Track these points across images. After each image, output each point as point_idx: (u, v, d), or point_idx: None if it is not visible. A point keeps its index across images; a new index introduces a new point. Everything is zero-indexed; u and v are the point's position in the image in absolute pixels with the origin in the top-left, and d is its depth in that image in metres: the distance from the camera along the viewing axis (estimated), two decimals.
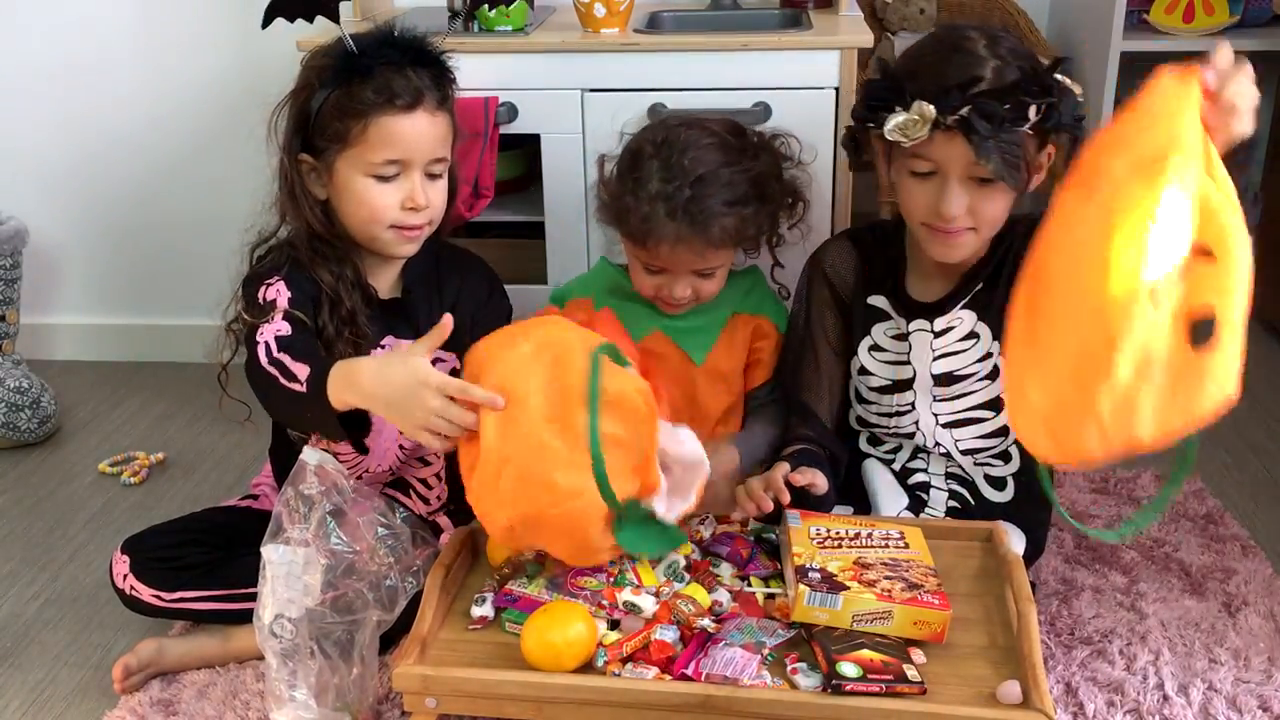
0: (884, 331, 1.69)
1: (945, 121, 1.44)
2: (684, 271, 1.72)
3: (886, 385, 1.69)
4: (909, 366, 1.67)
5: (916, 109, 1.45)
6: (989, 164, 1.42)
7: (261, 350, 1.49)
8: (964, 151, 1.45)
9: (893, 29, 3.19)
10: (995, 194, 1.50)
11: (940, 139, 1.46)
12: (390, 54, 1.56)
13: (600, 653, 1.35)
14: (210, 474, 2.21)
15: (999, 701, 1.30)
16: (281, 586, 1.39)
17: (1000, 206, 1.53)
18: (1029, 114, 1.44)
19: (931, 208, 1.52)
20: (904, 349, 1.67)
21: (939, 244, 1.56)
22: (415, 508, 1.75)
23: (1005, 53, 1.47)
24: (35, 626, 1.77)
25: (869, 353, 1.70)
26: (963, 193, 1.50)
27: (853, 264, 1.71)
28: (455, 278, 1.74)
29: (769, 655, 1.36)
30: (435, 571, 1.47)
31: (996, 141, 1.42)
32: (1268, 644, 1.62)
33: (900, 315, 1.67)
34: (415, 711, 1.38)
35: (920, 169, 1.52)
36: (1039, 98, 1.44)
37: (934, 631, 1.37)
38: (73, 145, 2.56)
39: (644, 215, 1.66)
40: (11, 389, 2.28)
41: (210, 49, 2.45)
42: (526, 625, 1.37)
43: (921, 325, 1.65)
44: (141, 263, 2.64)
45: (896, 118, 1.47)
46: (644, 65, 2.05)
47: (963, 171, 1.49)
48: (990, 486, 1.70)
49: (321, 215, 1.62)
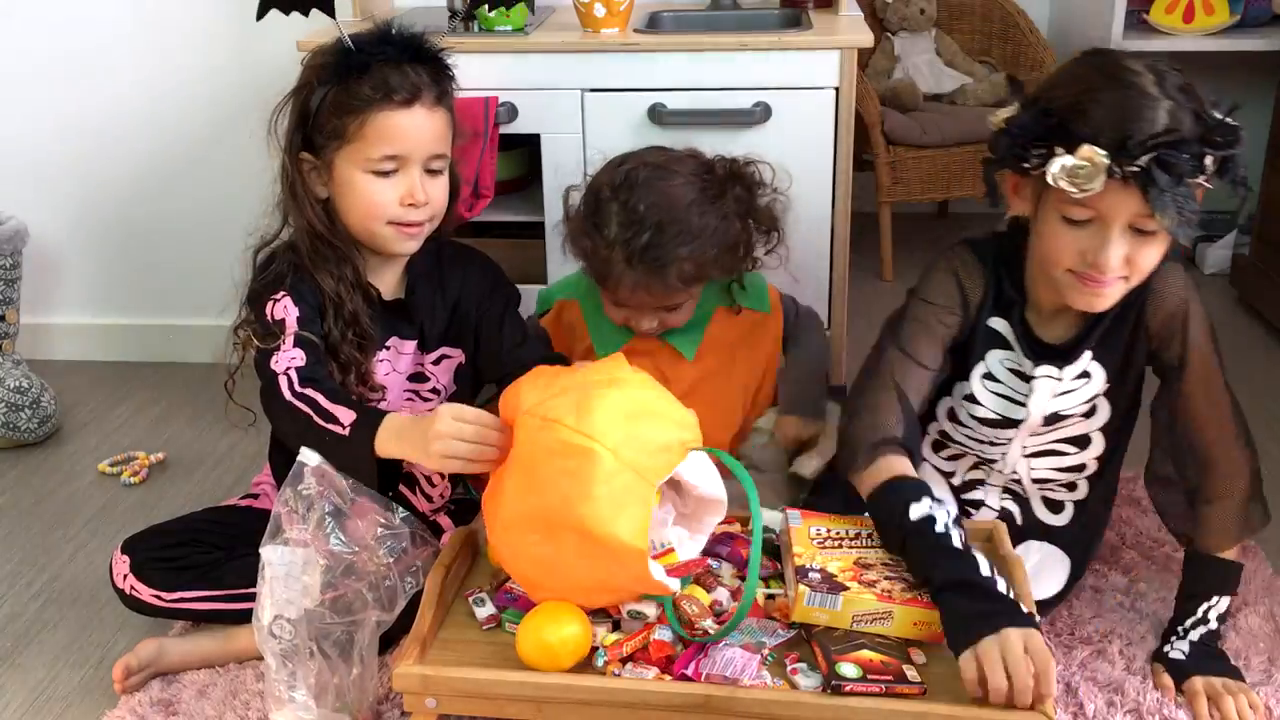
0: (1001, 361, 1.57)
1: (1121, 171, 1.31)
2: (648, 309, 1.74)
3: (994, 420, 1.60)
4: (1024, 409, 1.57)
5: (1088, 155, 1.31)
6: (1164, 218, 1.31)
7: (284, 384, 1.51)
8: (1135, 203, 1.33)
9: (893, 29, 3.20)
10: (1155, 243, 1.39)
11: (1110, 188, 1.33)
12: (387, 50, 1.57)
13: (600, 653, 1.35)
14: (210, 474, 2.21)
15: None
16: (280, 587, 1.39)
17: (1158, 255, 1.41)
18: (1206, 165, 1.33)
19: (1085, 256, 1.40)
20: (1024, 390, 1.56)
21: (1086, 294, 1.43)
22: (418, 504, 1.75)
23: (1175, 90, 1.33)
24: (35, 626, 1.77)
25: (982, 381, 1.58)
26: (1123, 244, 1.38)
27: (980, 280, 1.56)
28: (457, 272, 1.75)
29: (769, 655, 1.36)
30: (435, 571, 1.47)
31: (1173, 194, 1.30)
32: (1268, 644, 1.62)
33: (1025, 355, 1.56)
34: (415, 711, 1.38)
35: (1078, 216, 1.38)
36: (1220, 149, 1.32)
37: (933, 632, 1.36)
38: (73, 145, 2.56)
39: (603, 259, 1.69)
40: (11, 389, 2.28)
41: (210, 48, 2.45)
42: (521, 626, 1.37)
43: (1049, 372, 1.54)
44: (141, 263, 2.64)
45: (1063, 161, 1.33)
46: (644, 65, 2.05)
47: (1127, 222, 1.36)
48: (1046, 508, 1.67)
49: (323, 214, 1.62)
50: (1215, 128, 1.32)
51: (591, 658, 1.36)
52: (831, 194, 2.07)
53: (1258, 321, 2.68)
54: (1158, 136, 1.30)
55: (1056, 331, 1.55)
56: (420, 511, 1.74)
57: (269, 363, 1.54)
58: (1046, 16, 3.25)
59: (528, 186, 2.33)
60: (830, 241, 2.10)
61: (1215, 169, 1.34)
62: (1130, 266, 1.40)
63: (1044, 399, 1.56)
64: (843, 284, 2.13)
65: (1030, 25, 3.15)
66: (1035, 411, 1.57)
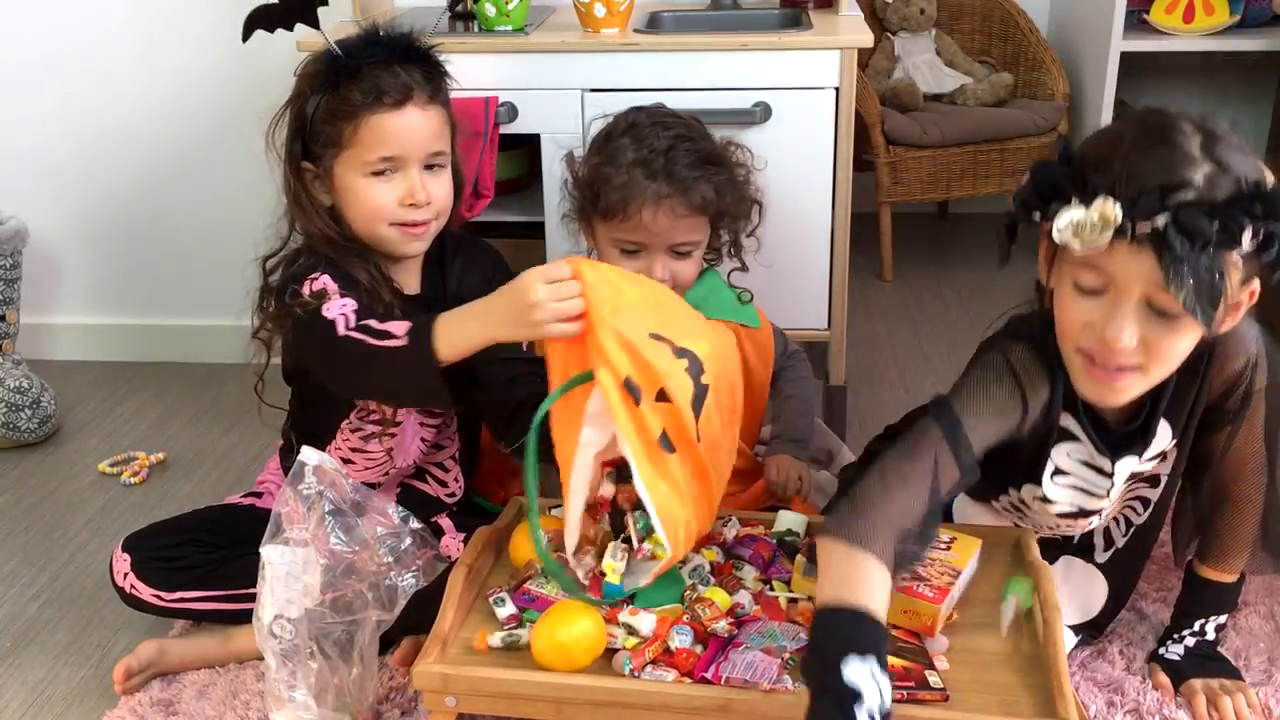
0: (1069, 454, 1.42)
1: (1133, 230, 1.15)
2: (661, 246, 1.72)
3: (1070, 513, 1.47)
4: (1105, 500, 1.45)
5: (1098, 207, 1.15)
6: (1179, 292, 1.12)
7: (340, 324, 1.47)
8: (1150, 271, 1.16)
9: (893, 29, 3.20)
10: (1178, 331, 1.21)
11: (1122, 250, 1.17)
12: (377, 52, 1.57)
13: (625, 660, 1.35)
14: (210, 474, 2.21)
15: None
16: (281, 587, 1.39)
17: (1182, 347, 1.24)
18: (1242, 238, 1.13)
19: (1094, 332, 1.24)
20: (1104, 485, 1.43)
21: (1094, 382, 1.28)
22: (435, 492, 1.76)
23: (1224, 154, 1.16)
24: (35, 626, 1.77)
25: (1052, 479, 1.43)
26: (1137, 320, 1.20)
27: (1043, 373, 1.36)
28: (458, 259, 1.75)
29: (790, 659, 1.35)
30: (458, 570, 1.46)
31: (1194, 265, 1.12)
32: (1268, 644, 1.62)
33: (1098, 448, 1.41)
34: (435, 710, 1.37)
35: (1088, 283, 1.23)
36: (1261, 220, 1.13)
37: (923, 623, 1.36)
38: (73, 144, 2.56)
39: (622, 182, 1.68)
40: (11, 389, 2.28)
41: (211, 48, 2.45)
42: (535, 628, 1.36)
43: (1129, 464, 1.41)
44: (141, 263, 2.64)
45: (1072, 213, 1.17)
46: (644, 65, 2.05)
47: (1142, 295, 1.19)
48: (1100, 537, 1.59)
49: (330, 221, 1.62)
50: (1261, 195, 1.15)
51: (615, 662, 1.35)
52: (831, 194, 2.07)
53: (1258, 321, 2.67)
54: (1181, 191, 1.13)
55: (1122, 410, 1.39)
56: (435, 498, 1.75)
57: (321, 313, 1.49)
58: (1046, 16, 3.25)
59: (528, 186, 2.33)
60: (830, 241, 2.10)
61: (1256, 246, 1.15)
62: (1147, 353, 1.23)
63: (1122, 486, 1.46)
64: (843, 284, 2.13)
65: (1030, 25, 3.15)
66: (1115, 497, 1.47)
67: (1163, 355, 1.24)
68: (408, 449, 1.71)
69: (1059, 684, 1.27)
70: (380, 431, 1.67)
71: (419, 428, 1.71)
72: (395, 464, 1.71)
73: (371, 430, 1.67)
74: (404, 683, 1.57)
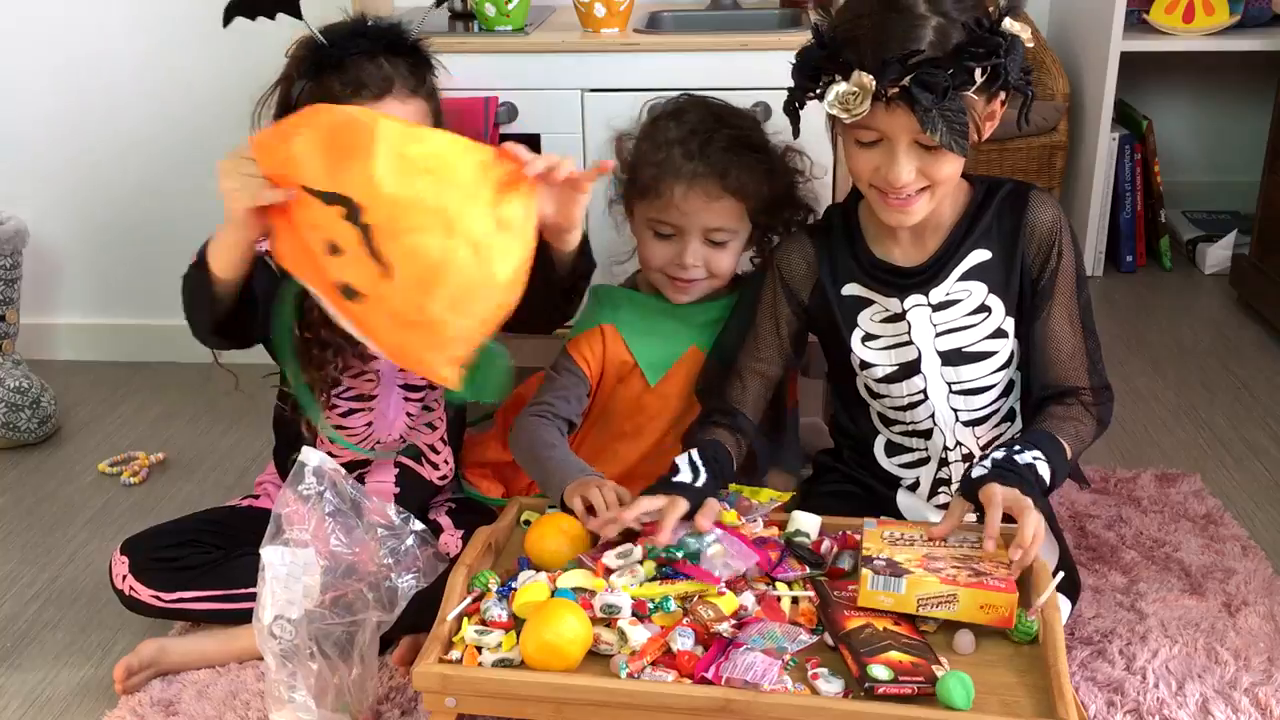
0: (871, 317, 1.62)
1: (886, 94, 1.38)
2: (695, 230, 1.71)
3: (893, 372, 1.62)
4: (912, 347, 1.60)
5: (855, 81, 1.39)
6: (934, 134, 1.38)
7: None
8: (909, 121, 1.40)
9: None
10: (946, 156, 1.45)
11: (882, 110, 1.41)
12: (361, 44, 1.57)
13: (622, 665, 1.34)
14: (210, 474, 2.21)
15: (956, 651, 1.34)
16: (281, 588, 1.38)
17: (953, 166, 1.48)
18: (974, 77, 1.39)
19: (881, 175, 1.47)
20: (902, 330, 1.61)
21: (893, 210, 1.51)
22: (428, 475, 1.77)
23: (949, 7, 1.39)
24: (35, 626, 1.77)
25: (863, 344, 1.63)
26: (911, 159, 1.45)
27: (811, 258, 1.65)
28: None
29: (790, 660, 1.34)
30: (458, 570, 1.46)
31: (941, 111, 1.38)
32: (1268, 644, 1.62)
33: (889, 294, 1.60)
34: (434, 710, 1.37)
35: (865, 138, 1.46)
36: (984, 60, 1.38)
37: (1001, 615, 1.34)
38: (73, 145, 2.56)
39: (660, 160, 1.69)
40: (11, 389, 2.28)
41: (211, 47, 2.45)
42: (523, 634, 1.36)
43: (918, 301, 1.59)
44: (142, 263, 2.64)
45: (836, 88, 1.41)
46: (644, 65, 2.05)
47: (910, 139, 1.44)
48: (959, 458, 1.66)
49: None
50: (979, 39, 1.38)
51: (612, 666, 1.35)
52: (832, 194, 2.07)
53: (1258, 321, 2.68)
54: (914, 56, 1.36)
55: (914, 253, 1.60)
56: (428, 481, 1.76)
57: None
58: (1046, 16, 3.25)
59: None
60: None
61: (986, 80, 1.39)
62: (928, 178, 1.47)
63: (925, 330, 1.59)
64: None
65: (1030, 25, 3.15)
66: (924, 346, 1.59)
67: (938, 176, 1.47)
68: (391, 422, 1.72)
69: (1059, 684, 1.27)
70: (360, 407, 1.69)
71: (403, 402, 1.72)
72: (378, 436, 1.72)
73: (349, 406, 1.69)
74: (404, 683, 1.57)
